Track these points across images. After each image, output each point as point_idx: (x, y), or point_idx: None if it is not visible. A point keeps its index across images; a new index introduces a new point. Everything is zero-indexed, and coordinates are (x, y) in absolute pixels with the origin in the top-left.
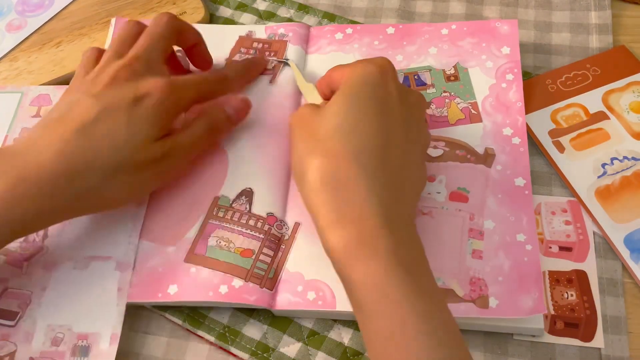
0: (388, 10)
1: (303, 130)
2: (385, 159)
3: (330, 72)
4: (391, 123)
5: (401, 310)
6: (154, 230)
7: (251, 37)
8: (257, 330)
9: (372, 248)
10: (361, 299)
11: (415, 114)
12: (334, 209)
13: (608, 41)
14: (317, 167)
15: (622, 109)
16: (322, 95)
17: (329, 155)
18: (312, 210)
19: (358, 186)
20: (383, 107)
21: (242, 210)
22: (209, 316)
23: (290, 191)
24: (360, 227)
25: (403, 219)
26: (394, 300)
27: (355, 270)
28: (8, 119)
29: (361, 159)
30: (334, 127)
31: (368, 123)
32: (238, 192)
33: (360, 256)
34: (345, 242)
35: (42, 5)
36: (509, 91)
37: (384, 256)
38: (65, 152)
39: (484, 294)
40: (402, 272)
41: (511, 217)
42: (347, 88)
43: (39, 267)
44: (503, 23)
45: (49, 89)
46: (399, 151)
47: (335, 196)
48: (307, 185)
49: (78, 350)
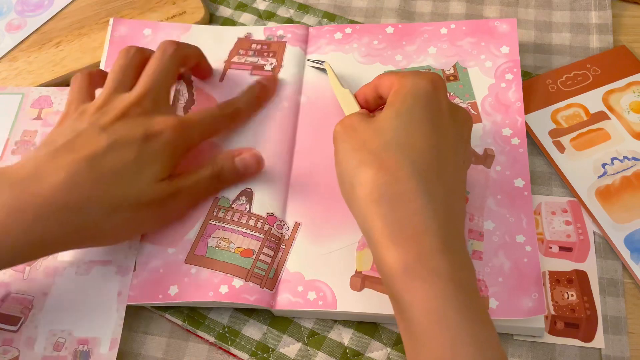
0: (388, 10)
1: (353, 140)
2: (440, 175)
3: (378, 79)
4: (443, 139)
5: (456, 335)
6: (154, 232)
7: (250, 39)
8: (257, 330)
9: (430, 269)
10: (414, 320)
11: (464, 132)
12: (390, 223)
13: (608, 41)
14: (371, 179)
15: (622, 109)
16: (363, 102)
17: (385, 167)
18: (365, 223)
19: (415, 201)
20: (436, 122)
21: (242, 211)
22: (208, 316)
23: (290, 191)
24: (418, 246)
25: (458, 238)
26: (450, 324)
27: (411, 290)
28: (9, 121)
29: (418, 173)
30: (389, 139)
31: (422, 138)
32: (238, 192)
33: (417, 277)
34: (403, 261)
35: (41, 5)
36: (509, 91)
37: (444, 278)
38: (71, 184)
39: (484, 294)
40: (461, 296)
41: (511, 218)
42: (400, 100)
43: (41, 271)
44: (502, 22)
45: (50, 91)
46: (451, 168)
47: (391, 210)
48: (360, 197)
49: (79, 355)
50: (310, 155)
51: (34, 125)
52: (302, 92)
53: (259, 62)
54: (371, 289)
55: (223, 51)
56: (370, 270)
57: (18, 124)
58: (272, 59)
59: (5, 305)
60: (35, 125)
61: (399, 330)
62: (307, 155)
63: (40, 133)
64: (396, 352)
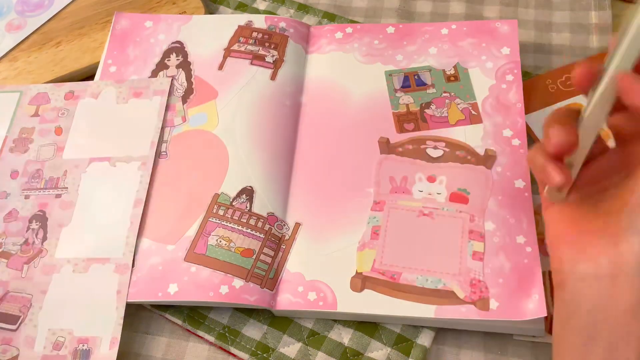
0: (388, 10)
1: None
2: None
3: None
4: None
5: None
6: (153, 227)
7: (250, 27)
8: (257, 330)
9: None
10: None
11: None
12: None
13: (608, 41)
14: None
15: None
16: None
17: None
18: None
19: None
20: None
21: (243, 209)
22: (208, 316)
23: (291, 191)
24: None
25: None
26: None
27: None
28: (7, 120)
29: None
30: None
31: None
32: (238, 190)
33: None
34: None
35: (41, 5)
36: (509, 92)
37: None
38: None
39: (485, 296)
40: None
41: (511, 219)
42: None
43: (39, 270)
44: (503, 23)
45: (47, 87)
46: None
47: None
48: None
49: (79, 354)
50: (312, 156)
51: (32, 122)
52: (304, 91)
53: (259, 51)
54: (371, 289)
55: (223, 39)
56: (370, 271)
57: (16, 121)
58: (274, 51)
59: (3, 304)
60: (32, 123)
61: None
62: (308, 155)
63: (38, 130)
64: (396, 352)
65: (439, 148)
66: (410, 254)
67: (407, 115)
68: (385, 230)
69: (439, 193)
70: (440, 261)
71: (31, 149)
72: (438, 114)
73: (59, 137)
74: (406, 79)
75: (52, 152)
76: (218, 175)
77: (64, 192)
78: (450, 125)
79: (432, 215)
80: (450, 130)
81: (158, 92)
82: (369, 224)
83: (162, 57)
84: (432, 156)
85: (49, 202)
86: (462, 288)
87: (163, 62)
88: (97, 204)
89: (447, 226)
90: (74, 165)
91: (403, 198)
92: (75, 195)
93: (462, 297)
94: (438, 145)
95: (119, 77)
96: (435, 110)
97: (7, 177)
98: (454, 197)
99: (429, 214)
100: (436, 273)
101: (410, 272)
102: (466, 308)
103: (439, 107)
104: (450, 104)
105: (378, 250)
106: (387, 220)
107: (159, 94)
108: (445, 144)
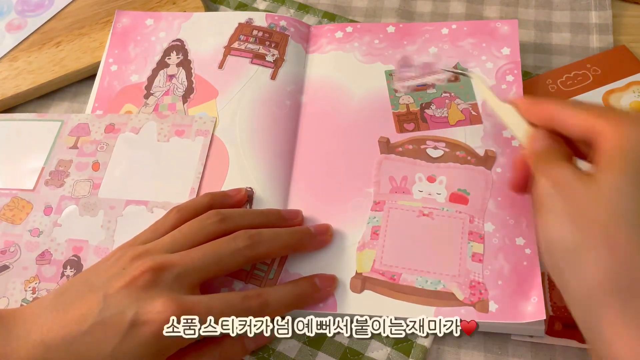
0: (388, 10)
1: (568, 205)
2: None
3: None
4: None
5: None
6: None
7: (251, 25)
8: None
9: None
10: None
11: None
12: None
13: (608, 41)
14: (602, 265)
15: None
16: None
17: (617, 249)
18: (589, 315)
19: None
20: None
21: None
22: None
23: (291, 192)
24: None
25: None
26: None
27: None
28: (46, 150)
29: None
30: (617, 211)
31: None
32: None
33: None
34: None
35: (42, 5)
36: (509, 93)
37: None
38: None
39: (484, 297)
40: None
41: (511, 220)
42: (627, 160)
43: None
44: (503, 23)
45: (89, 118)
46: None
47: (629, 302)
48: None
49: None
50: (312, 155)
51: (70, 154)
52: (304, 91)
53: (260, 50)
54: (371, 290)
55: (223, 37)
56: (370, 271)
57: (54, 152)
58: (275, 50)
59: None
60: (70, 155)
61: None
62: (308, 155)
63: (76, 163)
64: (396, 352)
65: (439, 148)
66: (410, 255)
67: (407, 115)
68: (385, 230)
69: (438, 193)
70: (439, 262)
71: (67, 184)
72: (438, 114)
73: (96, 172)
74: None
75: (88, 188)
76: (218, 175)
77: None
78: (451, 125)
79: (432, 215)
80: (451, 130)
81: (201, 132)
82: (368, 224)
83: (163, 56)
84: (432, 156)
85: (84, 247)
86: (462, 290)
87: (164, 60)
88: None
89: (447, 227)
90: (109, 206)
91: (403, 198)
92: (111, 242)
93: (461, 299)
94: (438, 146)
95: (120, 76)
96: (436, 111)
97: (40, 213)
98: (453, 198)
99: (429, 214)
100: (436, 274)
101: (410, 273)
102: (465, 310)
103: (439, 107)
104: (450, 104)
105: (378, 251)
106: (387, 220)
107: (201, 135)
108: (446, 144)
